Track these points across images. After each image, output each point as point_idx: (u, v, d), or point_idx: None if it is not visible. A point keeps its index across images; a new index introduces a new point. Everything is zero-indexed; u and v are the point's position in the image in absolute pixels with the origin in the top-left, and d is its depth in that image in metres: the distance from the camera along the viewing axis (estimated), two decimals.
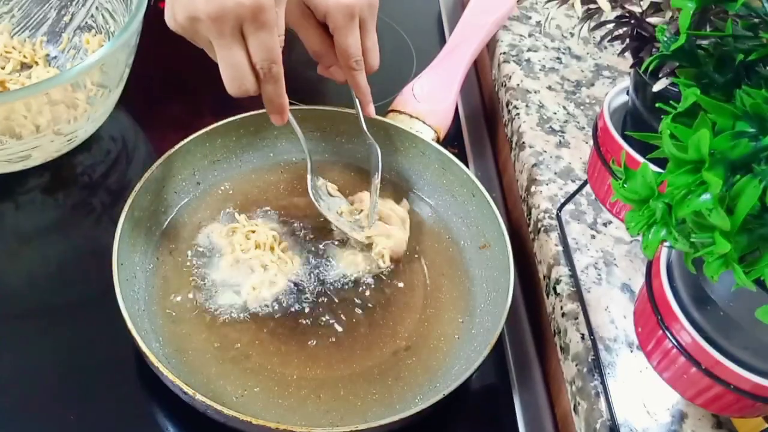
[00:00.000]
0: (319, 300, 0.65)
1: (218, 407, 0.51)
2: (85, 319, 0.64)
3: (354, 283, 0.67)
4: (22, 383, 0.59)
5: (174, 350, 0.60)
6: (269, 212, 0.72)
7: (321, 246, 0.69)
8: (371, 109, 0.73)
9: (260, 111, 0.73)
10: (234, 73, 0.57)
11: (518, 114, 0.80)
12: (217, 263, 0.66)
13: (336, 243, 0.70)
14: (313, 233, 0.70)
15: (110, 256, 0.59)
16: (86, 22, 0.84)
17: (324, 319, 0.64)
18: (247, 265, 0.65)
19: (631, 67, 0.51)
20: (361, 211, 0.72)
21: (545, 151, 0.75)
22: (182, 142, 0.69)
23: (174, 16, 0.57)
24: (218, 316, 0.63)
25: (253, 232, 0.67)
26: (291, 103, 0.66)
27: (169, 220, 0.69)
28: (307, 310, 0.64)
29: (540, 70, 0.86)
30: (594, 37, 0.91)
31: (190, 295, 0.64)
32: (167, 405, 0.59)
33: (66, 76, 0.63)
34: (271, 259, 0.66)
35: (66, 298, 0.66)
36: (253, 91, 0.58)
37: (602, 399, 0.55)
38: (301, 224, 0.71)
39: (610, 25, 0.49)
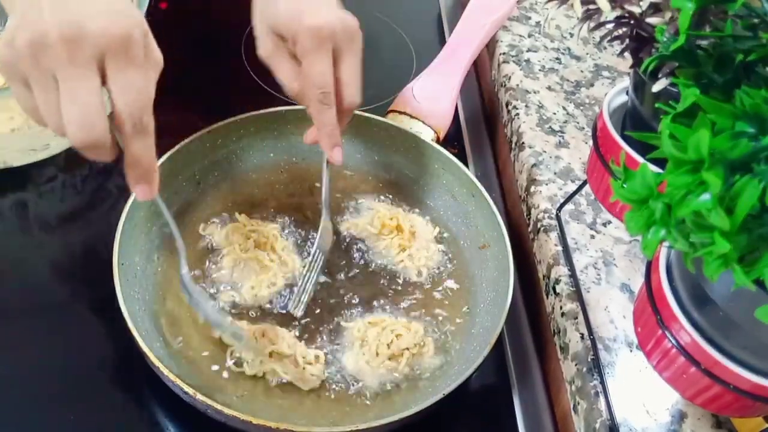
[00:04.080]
0: (319, 300, 0.65)
1: (218, 407, 0.51)
2: (85, 319, 0.64)
3: None
4: (22, 383, 0.59)
5: (174, 350, 0.60)
6: (270, 212, 0.72)
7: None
8: (335, 155, 0.62)
9: (260, 111, 0.73)
10: (81, 116, 0.44)
11: (518, 114, 0.80)
12: (218, 263, 0.66)
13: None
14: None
15: (110, 256, 0.59)
16: None
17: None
18: (246, 264, 0.65)
19: (630, 67, 0.51)
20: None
21: (545, 151, 0.76)
22: (182, 142, 0.69)
23: (11, 41, 0.44)
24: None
25: (254, 231, 0.67)
26: (290, 103, 0.65)
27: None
28: (307, 310, 0.64)
29: (540, 70, 0.86)
30: (594, 38, 0.91)
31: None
32: (167, 405, 0.59)
33: None
34: (271, 258, 0.66)
35: (66, 298, 0.66)
36: (105, 143, 0.45)
37: (602, 399, 0.55)
38: (302, 224, 0.71)
39: (610, 26, 0.49)
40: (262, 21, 0.61)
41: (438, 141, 0.77)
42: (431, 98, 0.79)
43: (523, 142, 0.77)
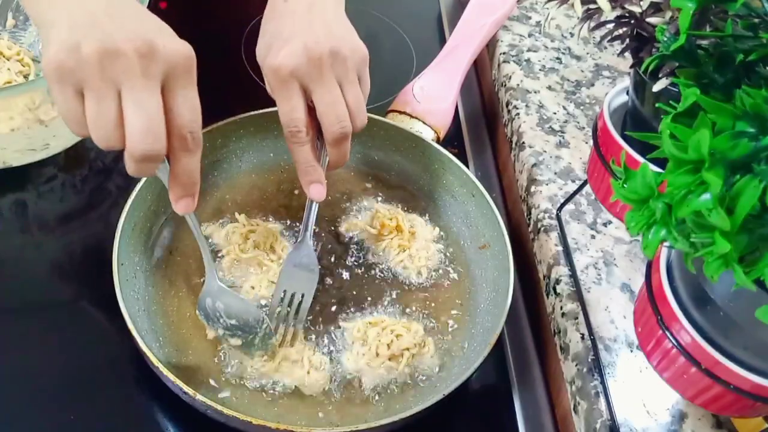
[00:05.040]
0: (319, 300, 0.65)
1: (218, 407, 0.51)
2: (85, 319, 0.64)
3: None
4: (22, 383, 0.59)
5: (174, 350, 0.60)
6: (270, 212, 0.72)
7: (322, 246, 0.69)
8: (312, 191, 0.60)
9: (260, 111, 0.73)
10: (148, 126, 0.45)
11: (518, 114, 0.80)
12: (217, 263, 0.66)
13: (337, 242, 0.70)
14: (315, 234, 0.70)
15: (110, 256, 0.59)
16: None
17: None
18: (246, 264, 0.65)
19: (631, 67, 0.51)
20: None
21: (545, 151, 0.75)
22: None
23: (76, 47, 0.44)
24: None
25: (253, 231, 0.67)
26: None
27: (169, 219, 0.69)
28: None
29: (540, 70, 0.86)
30: (594, 37, 0.91)
31: (191, 295, 0.64)
32: (167, 405, 0.59)
33: None
34: (271, 258, 0.66)
35: (66, 298, 0.66)
36: (162, 154, 0.47)
37: (602, 399, 0.55)
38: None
39: (610, 25, 0.49)
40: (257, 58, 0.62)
41: (438, 141, 0.77)
42: (431, 98, 0.79)
43: (523, 142, 0.77)
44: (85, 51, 0.44)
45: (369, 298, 0.66)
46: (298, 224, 0.71)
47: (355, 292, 0.66)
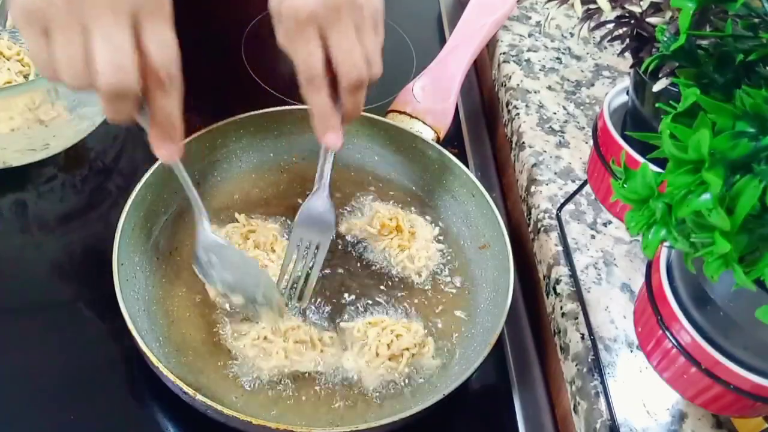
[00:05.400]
0: (318, 300, 0.65)
1: (218, 407, 0.51)
2: (85, 319, 0.64)
3: None
4: (22, 383, 0.59)
5: (174, 350, 0.60)
6: (270, 212, 0.72)
7: None
8: (327, 139, 0.59)
9: (260, 111, 0.73)
10: (117, 59, 0.45)
11: (518, 114, 0.80)
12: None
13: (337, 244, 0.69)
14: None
15: (110, 256, 0.59)
16: None
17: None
18: None
19: (631, 67, 0.51)
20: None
21: (545, 151, 0.75)
22: (182, 142, 0.69)
23: None
24: (218, 316, 0.63)
25: (253, 231, 0.67)
26: (292, 103, 0.65)
27: (169, 220, 0.69)
28: (306, 309, 0.64)
29: (540, 70, 0.86)
30: (594, 37, 0.91)
31: (191, 296, 0.64)
32: (167, 405, 0.59)
33: None
34: (271, 258, 0.66)
35: (66, 298, 0.66)
36: (134, 90, 0.46)
37: (602, 399, 0.55)
38: None
39: (610, 25, 0.49)
40: (269, 9, 0.60)
41: (438, 141, 0.77)
42: (431, 98, 0.79)
43: (523, 142, 0.77)
44: None
45: (368, 299, 0.66)
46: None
47: (354, 293, 0.66)
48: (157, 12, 0.46)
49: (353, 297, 0.66)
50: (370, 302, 0.66)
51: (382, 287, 0.67)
